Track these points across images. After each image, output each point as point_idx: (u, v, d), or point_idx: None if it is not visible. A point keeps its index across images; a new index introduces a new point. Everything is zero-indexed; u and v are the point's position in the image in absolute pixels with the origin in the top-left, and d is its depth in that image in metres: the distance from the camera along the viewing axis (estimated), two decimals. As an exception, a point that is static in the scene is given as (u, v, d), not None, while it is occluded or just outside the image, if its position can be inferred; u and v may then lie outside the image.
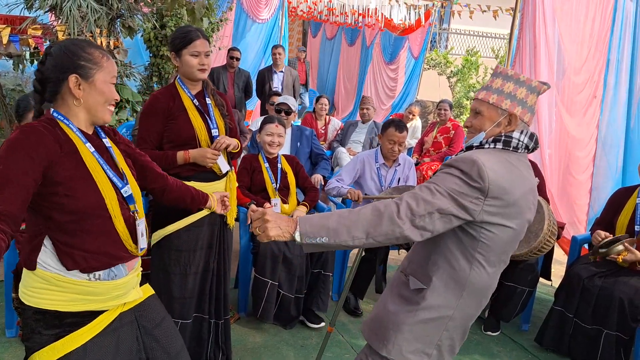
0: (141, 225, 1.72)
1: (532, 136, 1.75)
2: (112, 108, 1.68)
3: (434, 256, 1.75)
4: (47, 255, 1.55)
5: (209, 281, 2.71)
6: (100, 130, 1.74)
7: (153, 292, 1.86)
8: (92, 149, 1.63)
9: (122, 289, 1.67)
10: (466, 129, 1.85)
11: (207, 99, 2.65)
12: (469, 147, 1.78)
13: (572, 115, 4.51)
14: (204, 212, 2.61)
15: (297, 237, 1.56)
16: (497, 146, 1.72)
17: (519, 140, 1.72)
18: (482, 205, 1.61)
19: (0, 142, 6.83)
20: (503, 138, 1.72)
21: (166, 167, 2.38)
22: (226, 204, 2.36)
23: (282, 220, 1.58)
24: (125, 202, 1.68)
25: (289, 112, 4.53)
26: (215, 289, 2.75)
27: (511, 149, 1.72)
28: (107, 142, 1.72)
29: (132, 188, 1.71)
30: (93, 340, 1.59)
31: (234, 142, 2.69)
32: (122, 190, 1.66)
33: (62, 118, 1.59)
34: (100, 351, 1.60)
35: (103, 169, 1.63)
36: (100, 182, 1.60)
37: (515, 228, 1.69)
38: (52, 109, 1.61)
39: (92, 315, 1.60)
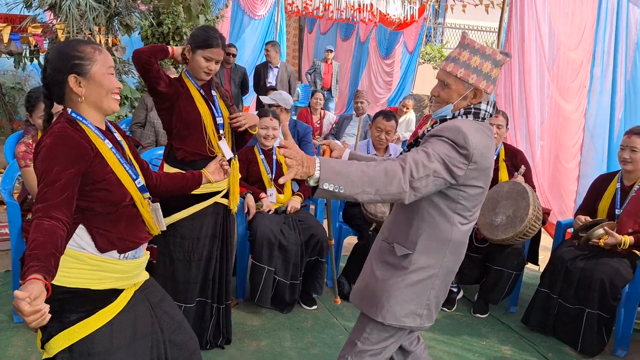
0: (158, 208, 1.91)
1: (494, 105, 1.92)
2: (117, 97, 1.78)
3: (416, 222, 1.88)
4: (81, 240, 1.68)
5: (212, 268, 2.86)
6: (110, 125, 1.86)
7: (148, 275, 2.03)
8: (110, 145, 1.75)
9: (139, 268, 1.86)
10: (433, 98, 1.98)
11: (212, 90, 2.80)
12: (442, 120, 1.91)
13: (567, 101, 4.64)
14: (208, 202, 2.76)
15: (313, 182, 1.60)
16: (469, 118, 1.87)
17: (485, 111, 1.89)
18: (466, 169, 1.77)
19: (2, 140, 6.94)
20: (473, 110, 1.88)
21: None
22: (224, 167, 2.37)
23: (307, 159, 1.61)
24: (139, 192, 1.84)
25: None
26: (218, 275, 2.89)
27: (480, 119, 1.88)
28: (117, 136, 1.85)
29: (143, 180, 1.88)
30: (117, 316, 1.73)
31: (254, 120, 2.87)
32: (135, 182, 1.80)
33: (80, 118, 1.71)
34: (123, 326, 1.75)
35: (120, 162, 1.76)
36: (122, 176, 1.74)
37: (484, 187, 1.88)
38: (69, 109, 1.72)
39: (115, 293, 1.75)
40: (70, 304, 1.66)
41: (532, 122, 4.61)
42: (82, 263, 1.68)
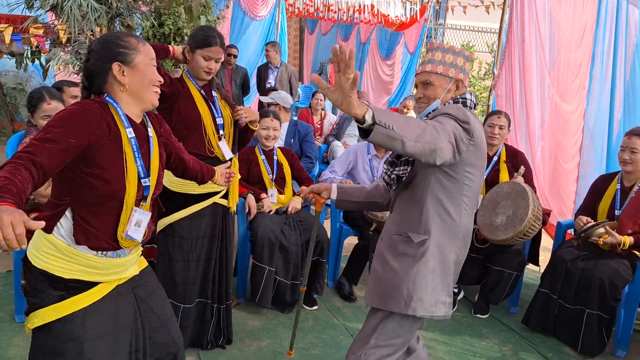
0: (138, 214, 1.77)
1: (476, 96, 2.04)
2: (158, 90, 1.80)
3: (426, 210, 1.94)
4: (62, 228, 1.67)
5: (212, 268, 2.86)
6: (147, 119, 1.87)
7: (147, 264, 1.99)
8: (131, 135, 1.74)
9: (123, 267, 1.81)
10: (419, 100, 2.04)
11: (213, 91, 2.80)
12: (427, 113, 2.00)
13: (566, 102, 4.65)
14: (206, 202, 2.77)
15: (369, 118, 1.54)
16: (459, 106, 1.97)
17: (471, 101, 2.01)
18: (468, 144, 1.85)
19: (1, 140, 6.94)
20: (460, 100, 1.99)
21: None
22: (230, 177, 2.42)
23: (357, 100, 1.55)
24: (141, 191, 1.79)
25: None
26: (217, 275, 2.90)
27: (468, 108, 1.98)
28: (150, 131, 1.84)
29: (151, 181, 1.82)
30: (92, 305, 1.71)
31: (254, 115, 2.88)
32: (142, 180, 1.77)
33: (112, 101, 1.72)
34: (99, 316, 1.72)
35: (134, 156, 1.74)
36: (130, 169, 1.72)
37: (481, 172, 1.97)
38: (105, 95, 1.73)
39: (92, 283, 1.73)
40: (45, 286, 1.67)
41: (532, 123, 4.62)
42: (57, 251, 1.66)
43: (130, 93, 1.74)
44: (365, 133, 1.59)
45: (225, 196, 2.88)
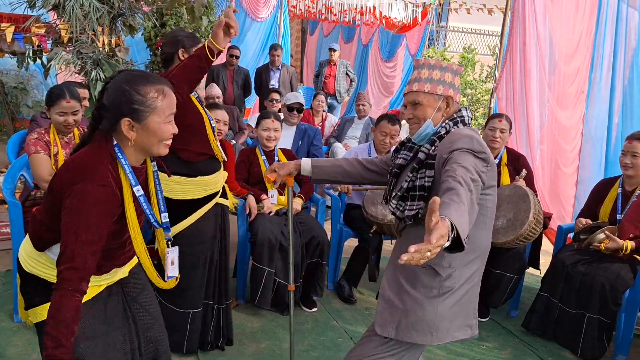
0: (171, 254, 1.91)
1: (469, 109, 1.97)
2: (170, 142, 1.69)
3: None
4: (56, 250, 1.65)
5: (213, 269, 2.88)
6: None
7: (136, 261, 1.95)
8: (140, 193, 1.68)
9: (112, 277, 1.80)
10: (409, 122, 1.98)
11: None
12: (440, 137, 1.89)
13: (563, 108, 4.64)
14: (210, 204, 2.78)
15: (453, 236, 1.39)
16: (460, 127, 1.90)
17: (468, 117, 1.94)
18: (487, 171, 1.80)
19: (2, 139, 6.94)
20: (458, 119, 1.91)
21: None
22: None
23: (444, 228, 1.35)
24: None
25: (300, 109, 4.70)
26: (217, 275, 2.91)
27: (468, 125, 1.93)
28: (154, 165, 1.81)
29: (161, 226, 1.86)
30: (82, 305, 1.69)
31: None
32: (157, 229, 1.79)
33: (120, 157, 1.63)
34: (88, 317, 1.70)
35: (142, 206, 1.72)
36: (131, 219, 1.67)
37: (495, 183, 1.91)
38: (115, 143, 1.63)
39: None
40: (34, 287, 1.68)
41: (532, 126, 4.61)
42: (47, 262, 1.66)
43: (137, 147, 1.65)
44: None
45: (223, 195, 2.90)
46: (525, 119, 4.60)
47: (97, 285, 1.74)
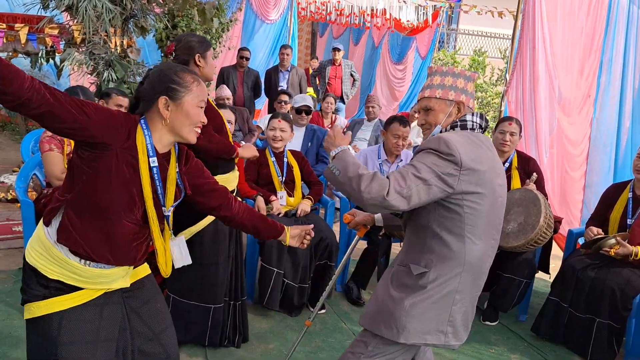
0: (184, 243, 1.95)
1: (481, 116, 1.94)
2: (199, 130, 1.80)
3: (428, 241, 1.89)
4: (53, 223, 1.67)
5: (230, 266, 2.94)
6: (176, 151, 1.84)
7: (149, 272, 1.95)
8: (154, 164, 1.72)
9: (109, 277, 1.75)
10: (422, 127, 2.01)
11: None
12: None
13: (570, 112, 4.62)
14: None
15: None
16: (456, 130, 1.92)
17: (472, 122, 1.93)
18: (459, 175, 1.78)
19: (15, 139, 7.00)
20: (459, 123, 1.93)
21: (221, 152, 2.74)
22: (306, 239, 2.17)
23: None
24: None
25: (309, 112, 4.72)
26: (234, 273, 2.98)
27: (468, 130, 1.91)
28: (169, 164, 1.81)
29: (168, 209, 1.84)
30: (72, 310, 1.68)
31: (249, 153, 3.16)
32: (163, 208, 1.79)
33: (144, 127, 1.72)
34: (79, 321, 1.69)
35: (156, 185, 1.75)
36: (146, 192, 1.71)
37: (490, 195, 1.85)
38: (142, 118, 1.74)
39: (75, 287, 1.70)
40: (32, 282, 1.69)
41: (540, 130, 4.59)
42: (45, 251, 1.67)
43: (169, 128, 1.74)
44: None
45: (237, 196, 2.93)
46: (534, 123, 4.59)
47: (92, 289, 1.72)
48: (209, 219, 2.76)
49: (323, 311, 3.56)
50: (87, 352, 1.69)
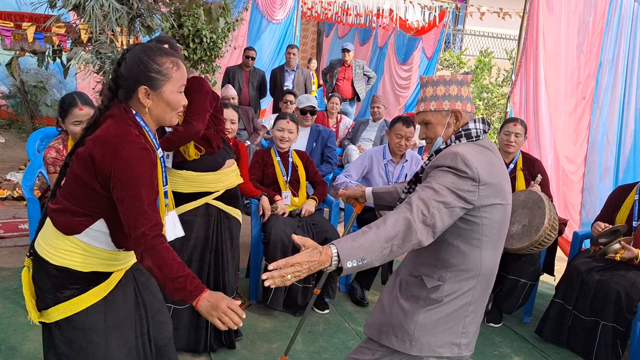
0: (176, 217, 2.06)
1: (483, 121, 1.88)
2: (181, 113, 1.82)
3: (442, 253, 1.83)
4: (92, 234, 1.71)
5: (205, 271, 2.85)
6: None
7: None
8: (162, 154, 1.80)
9: (129, 261, 1.88)
10: (424, 141, 1.96)
11: None
12: (438, 151, 1.88)
13: (568, 113, 4.60)
14: (198, 202, 2.80)
15: (335, 266, 1.54)
16: (462, 141, 1.83)
17: (476, 129, 1.85)
18: (478, 190, 1.72)
19: (22, 137, 7.03)
20: (463, 132, 1.84)
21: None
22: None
23: (314, 253, 1.52)
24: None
25: (313, 112, 4.72)
26: (213, 280, 2.88)
27: (474, 139, 1.84)
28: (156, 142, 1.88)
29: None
30: (110, 293, 1.78)
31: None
32: (164, 187, 1.86)
33: (143, 124, 1.73)
34: (115, 303, 1.79)
35: (162, 169, 1.81)
36: (160, 184, 1.79)
37: (504, 204, 1.82)
38: (134, 112, 1.72)
39: (107, 274, 1.79)
40: (63, 281, 1.71)
41: (542, 131, 4.58)
42: (81, 249, 1.70)
43: (151, 115, 1.75)
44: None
45: (222, 200, 2.89)
46: (536, 128, 4.58)
47: (122, 269, 1.83)
48: (186, 206, 2.76)
49: (327, 311, 3.56)
50: (128, 329, 1.81)
